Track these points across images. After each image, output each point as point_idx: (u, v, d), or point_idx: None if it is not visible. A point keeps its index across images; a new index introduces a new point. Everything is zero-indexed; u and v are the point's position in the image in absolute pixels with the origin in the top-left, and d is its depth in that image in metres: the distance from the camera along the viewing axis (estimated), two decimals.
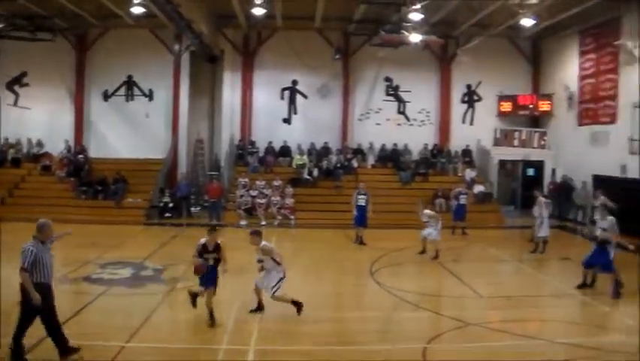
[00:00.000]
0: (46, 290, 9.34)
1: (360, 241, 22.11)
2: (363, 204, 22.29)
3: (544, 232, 20.78)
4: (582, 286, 15.27)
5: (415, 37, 27.21)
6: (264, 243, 12.51)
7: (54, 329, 9.50)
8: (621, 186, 23.61)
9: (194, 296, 12.12)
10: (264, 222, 26.53)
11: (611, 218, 15.22)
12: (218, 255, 11.91)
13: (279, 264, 12.47)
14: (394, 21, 27.29)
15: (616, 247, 15.04)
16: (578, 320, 13.37)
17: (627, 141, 20.78)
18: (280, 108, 32.42)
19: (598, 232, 15.09)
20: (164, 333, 11.53)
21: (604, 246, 14.78)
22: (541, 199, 21.30)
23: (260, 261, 12.50)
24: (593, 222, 18.98)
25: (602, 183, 24.56)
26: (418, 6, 24.34)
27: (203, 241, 11.96)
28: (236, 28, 31.22)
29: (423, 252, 19.79)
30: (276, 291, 12.28)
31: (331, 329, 12.14)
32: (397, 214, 26.59)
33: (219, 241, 12.13)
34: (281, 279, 12.38)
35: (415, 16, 25.63)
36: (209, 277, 11.84)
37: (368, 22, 29.80)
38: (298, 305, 12.38)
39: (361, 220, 22.24)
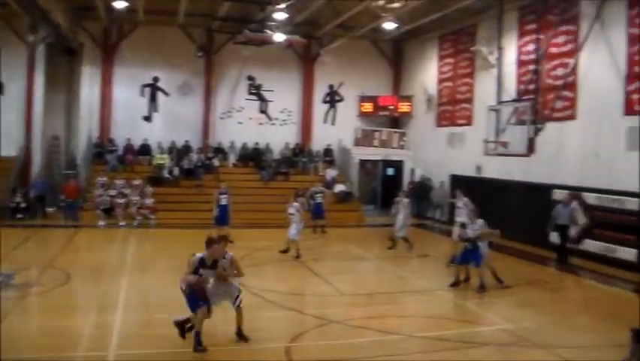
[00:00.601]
0: None
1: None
2: (225, 203, 22.13)
3: (405, 231, 21.35)
4: (455, 284, 15.74)
5: (279, 37, 27.35)
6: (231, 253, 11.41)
7: None
8: (477, 185, 24.58)
9: (182, 325, 10.66)
10: (122, 223, 25.76)
11: (480, 220, 15.87)
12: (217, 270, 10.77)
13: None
14: (259, 20, 27.28)
15: (489, 246, 16.00)
16: (436, 314, 13.76)
17: (482, 142, 21.63)
18: (141, 105, 31.50)
19: (469, 233, 15.60)
20: (16, 342, 10.90)
21: (476, 245, 15.36)
22: (405, 200, 21.87)
23: (223, 269, 11.08)
24: (453, 222, 19.73)
25: (459, 182, 25.45)
26: (283, 5, 24.43)
27: (200, 255, 10.79)
28: (97, 21, 29.96)
29: (286, 251, 19.84)
30: (240, 303, 11.17)
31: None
32: (259, 213, 26.58)
33: (230, 254, 11.16)
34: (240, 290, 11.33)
35: (280, 16, 25.73)
36: (201, 295, 10.57)
37: (232, 20, 29.65)
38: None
39: (223, 219, 22.06)
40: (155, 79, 31.41)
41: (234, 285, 11.19)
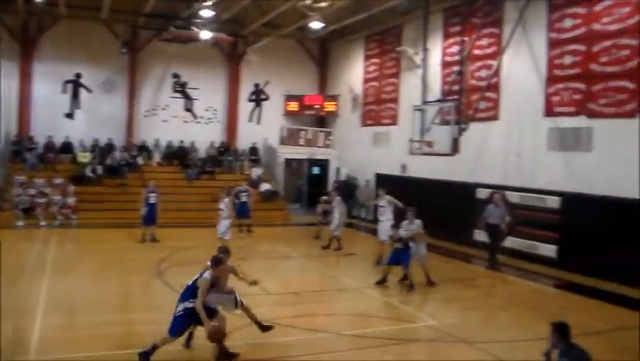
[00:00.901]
0: None
1: (153, 239, 21.62)
2: (154, 201, 21.83)
3: (340, 230, 21.47)
4: (381, 282, 15.80)
5: (205, 35, 27.12)
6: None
7: None
8: (402, 184, 24.86)
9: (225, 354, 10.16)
10: (43, 223, 24.97)
11: (418, 221, 16.01)
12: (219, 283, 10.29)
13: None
14: (185, 17, 27.00)
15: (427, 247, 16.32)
16: (363, 312, 13.78)
17: (407, 142, 21.88)
18: (62, 102, 30.30)
19: (402, 232, 15.69)
20: None
21: (407, 245, 15.47)
22: (338, 198, 21.98)
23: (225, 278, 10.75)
24: (377, 221, 19.87)
25: (384, 181, 25.68)
26: (209, 3, 24.24)
27: (208, 275, 10.10)
28: (15, 14, 28.83)
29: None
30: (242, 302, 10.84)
31: (119, 332, 11.65)
32: (184, 212, 26.31)
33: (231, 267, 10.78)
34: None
35: (206, 13, 25.54)
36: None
37: (158, 16, 29.12)
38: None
39: (152, 218, 21.77)
40: (78, 75, 30.43)
41: (230, 290, 10.86)
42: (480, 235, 21.09)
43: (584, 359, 7.02)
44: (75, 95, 30.42)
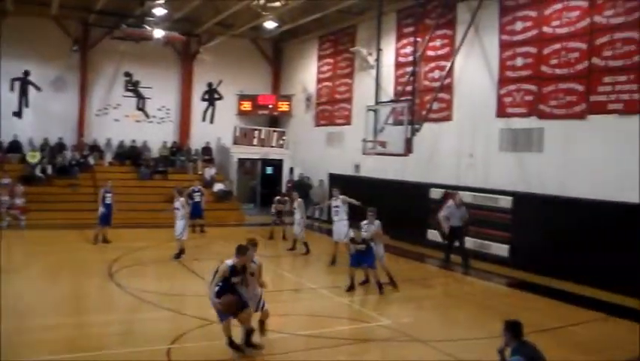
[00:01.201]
0: None
1: (104, 240, 21.32)
2: (109, 202, 21.58)
3: (304, 231, 21.48)
4: (351, 288, 15.52)
5: (158, 33, 26.88)
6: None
7: None
8: (355, 184, 24.94)
9: (248, 334, 10.57)
10: None
11: (377, 222, 16.02)
12: (245, 276, 10.56)
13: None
14: (137, 15, 26.72)
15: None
16: (317, 312, 13.80)
17: (361, 142, 21.92)
18: (10, 100, 29.78)
19: (364, 234, 15.67)
20: None
21: (369, 246, 15.49)
22: (300, 200, 21.91)
23: (252, 274, 10.80)
24: (331, 222, 19.90)
25: (337, 181, 25.71)
26: (162, 1, 24.04)
27: (230, 262, 10.38)
28: None
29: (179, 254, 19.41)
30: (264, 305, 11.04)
31: (71, 335, 11.40)
32: (136, 213, 26.01)
33: (256, 261, 10.90)
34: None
35: (159, 12, 25.32)
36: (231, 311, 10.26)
37: (109, 14, 28.74)
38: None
39: (106, 219, 21.51)
40: (26, 73, 29.91)
41: (258, 290, 10.99)
42: (433, 235, 21.26)
43: (535, 356, 7.10)
44: (23, 93, 29.91)
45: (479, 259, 19.79)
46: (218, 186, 30.40)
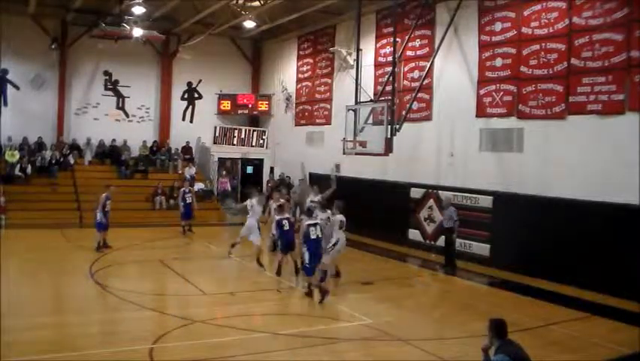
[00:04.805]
0: None
1: (105, 245, 20.54)
2: (109, 209, 21.02)
3: None
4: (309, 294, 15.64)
5: (137, 32, 26.73)
6: None
7: None
8: (336, 184, 24.91)
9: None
10: None
11: (340, 216, 16.15)
12: None
13: None
14: (116, 13, 26.58)
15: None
16: (299, 311, 13.96)
17: (341, 141, 21.94)
18: None
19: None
20: None
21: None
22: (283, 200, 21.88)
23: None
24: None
25: (317, 181, 25.71)
26: (141, 0, 23.92)
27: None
28: None
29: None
30: None
31: (52, 335, 11.32)
32: (116, 212, 25.77)
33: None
34: None
35: (137, 10, 25.23)
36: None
37: (88, 12, 28.50)
38: None
39: (105, 225, 20.65)
40: (4, 71, 29.56)
41: None
42: (414, 235, 21.35)
43: (520, 355, 7.16)
44: (2, 92, 29.59)
45: (460, 258, 19.87)
46: (198, 186, 30.29)
